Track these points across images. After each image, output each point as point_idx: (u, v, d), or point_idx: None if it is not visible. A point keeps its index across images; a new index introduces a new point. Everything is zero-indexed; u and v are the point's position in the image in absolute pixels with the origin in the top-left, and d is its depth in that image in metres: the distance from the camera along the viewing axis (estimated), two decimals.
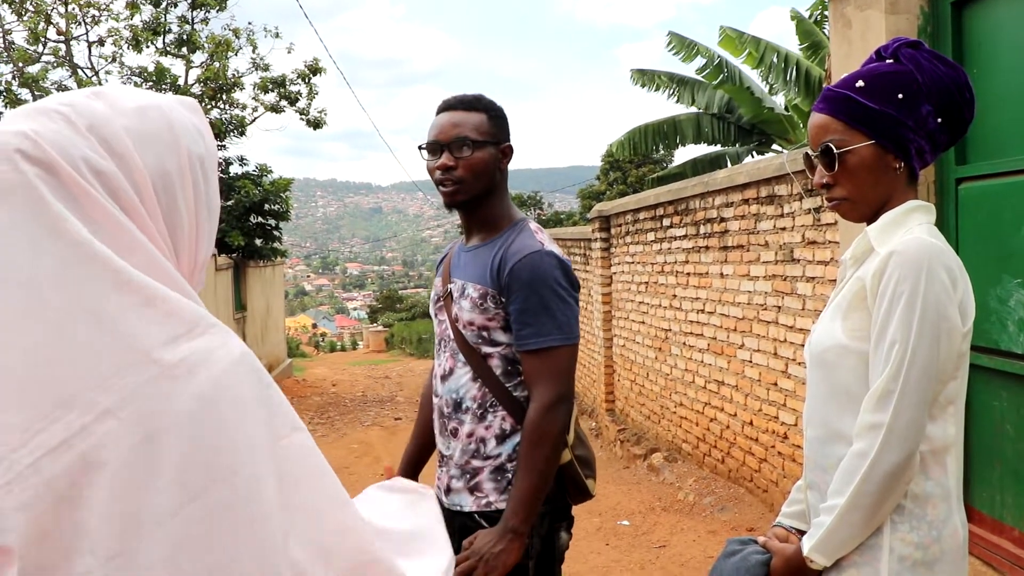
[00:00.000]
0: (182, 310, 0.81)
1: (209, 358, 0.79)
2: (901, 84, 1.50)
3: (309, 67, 13.56)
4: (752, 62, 11.58)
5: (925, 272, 1.39)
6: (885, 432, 1.38)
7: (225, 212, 12.34)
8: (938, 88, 1.50)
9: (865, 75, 1.54)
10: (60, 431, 0.72)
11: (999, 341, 3.11)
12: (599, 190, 26.62)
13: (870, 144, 1.52)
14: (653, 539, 5.07)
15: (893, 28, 3.37)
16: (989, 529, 3.26)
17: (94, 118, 0.83)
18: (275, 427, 0.81)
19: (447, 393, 2.06)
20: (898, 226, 1.52)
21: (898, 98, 1.50)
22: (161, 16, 12.53)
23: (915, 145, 1.52)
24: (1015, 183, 3.03)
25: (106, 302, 0.76)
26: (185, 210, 0.89)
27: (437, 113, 2.06)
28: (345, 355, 31.98)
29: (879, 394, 1.40)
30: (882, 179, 1.54)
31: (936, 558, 1.41)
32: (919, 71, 1.50)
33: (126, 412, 0.74)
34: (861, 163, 1.54)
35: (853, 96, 1.52)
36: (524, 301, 1.92)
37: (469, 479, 2.01)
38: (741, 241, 5.45)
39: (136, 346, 0.76)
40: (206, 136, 0.94)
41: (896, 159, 1.53)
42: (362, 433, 9.56)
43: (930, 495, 1.43)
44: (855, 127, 1.53)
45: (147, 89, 11.53)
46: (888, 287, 1.42)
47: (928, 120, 1.51)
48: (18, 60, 11.41)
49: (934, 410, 1.43)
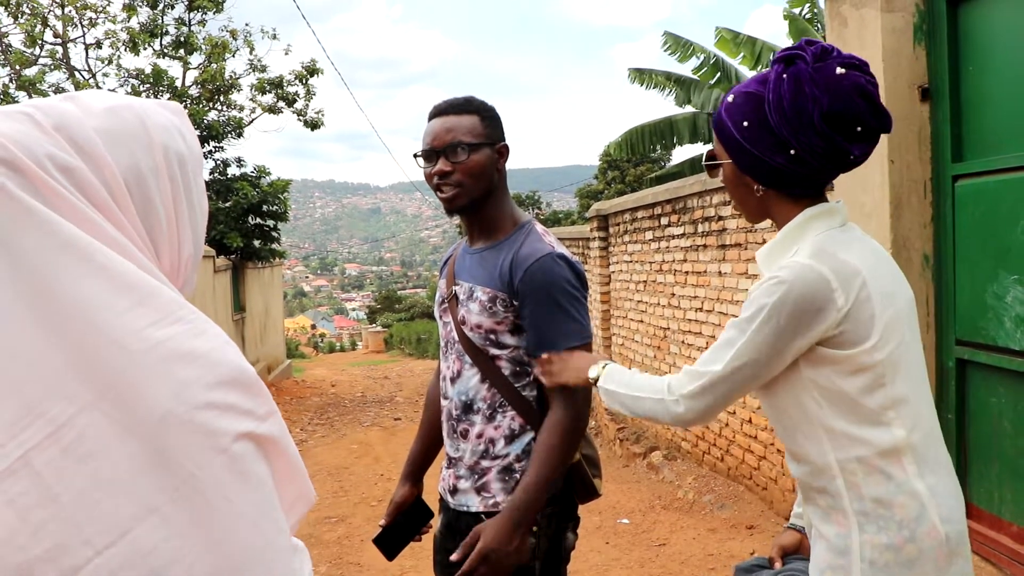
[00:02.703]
0: (157, 297, 0.80)
1: (183, 345, 0.78)
2: (748, 111, 1.46)
3: (306, 68, 13.58)
4: (748, 63, 11.60)
5: (778, 298, 1.39)
6: (680, 396, 1.53)
7: (223, 213, 12.35)
8: (783, 120, 1.41)
9: (737, 90, 1.50)
10: (46, 425, 0.73)
11: (996, 337, 3.12)
12: (597, 189, 26.66)
13: (728, 162, 1.52)
14: (653, 537, 5.08)
15: (889, 26, 3.38)
16: (987, 525, 3.26)
17: (62, 118, 0.82)
18: (257, 407, 0.81)
19: (457, 395, 2.05)
20: (792, 242, 1.49)
21: (744, 126, 1.46)
22: (158, 18, 12.55)
23: (768, 172, 1.47)
24: (1011, 180, 3.04)
25: (80, 290, 0.76)
26: (162, 207, 0.87)
27: (429, 119, 2.05)
28: (344, 356, 31.98)
29: (697, 373, 1.51)
30: (747, 197, 1.55)
31: (913, 557, 1.40)
32: (771, 96, 1.43)
33: (106, 403, 0.74)
34: (727, 178, 1.56)
35: (721, 111, 1.51)
36: (539, 305, 1.92)
37: (477, 479, 2.01)
38: (739, 240, 5.46)
39: (111, 335, 0.76)
40: (188, 137, 0.93)
41: (753, 181, 1.50)
42: (361, 434, 9.56)
43: (893, 497, 1.41)
44: (720, 143, 1.53)
45: (144, 91, 11.54)
46: (746, 303, 1.47)
47: (775, 151, 1.44)
48: (15, 63, 11.41)
49: (867, 417, 1.42)
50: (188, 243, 0.92)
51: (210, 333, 0.82)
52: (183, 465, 0.74)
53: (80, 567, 0.71)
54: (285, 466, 0.85)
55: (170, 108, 0.95)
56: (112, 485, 0.73)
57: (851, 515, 1.44)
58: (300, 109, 13.74)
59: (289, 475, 0.86)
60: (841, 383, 1.42)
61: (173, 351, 0.78)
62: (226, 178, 13.24)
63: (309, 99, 13.79)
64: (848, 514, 1.44)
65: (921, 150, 3.42)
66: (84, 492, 0.72)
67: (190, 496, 0.74)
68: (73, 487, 0.72)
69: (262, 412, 0.82)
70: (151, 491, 0.73)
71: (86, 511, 0.72)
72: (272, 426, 0.82)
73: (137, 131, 0.87)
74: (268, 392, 0.84)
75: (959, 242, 3.30)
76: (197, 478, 0.75)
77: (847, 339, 1.40)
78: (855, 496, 1.43)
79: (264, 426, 0.81)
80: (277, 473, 0.83)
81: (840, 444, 1.44)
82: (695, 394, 1.51)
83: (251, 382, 0.82)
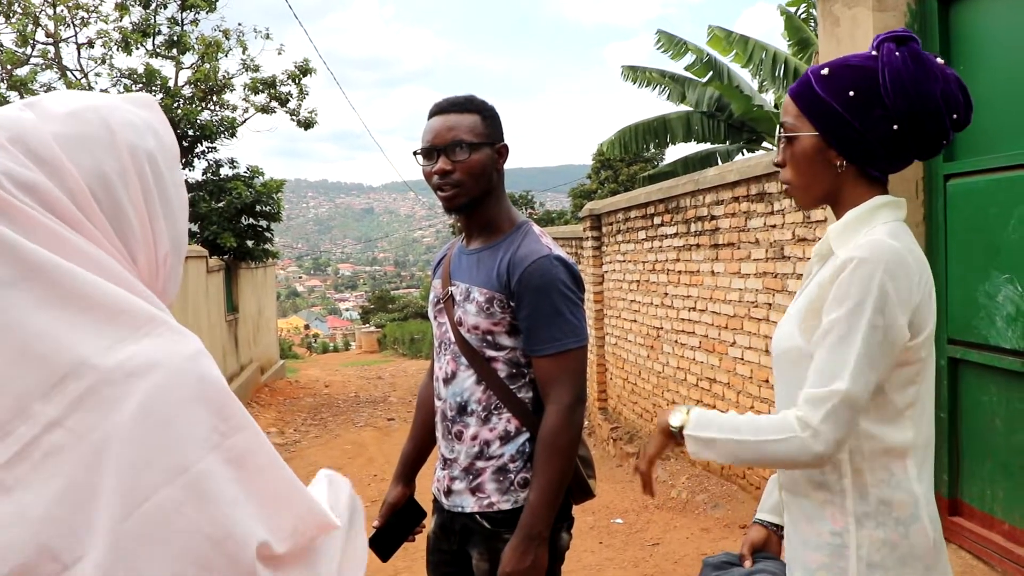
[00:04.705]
0: (129, 311, 0.79)
1: (152, 359, 0.78)
2: (857, 81, 1.43)
3: (299, 68, 13.56)
4: (741, 60, 11.62)
5: (877, 282, 1.36)
6: (816, 428, 1.37)
7: (216, 214, 12.31)
8: (901, 93, 1.40)
9: (834, 63, 1.47)
10: (14, 443, 0.73)
11: (988, 336, 3.13)
12: (590, 189, 26.65)
13: (813, 135, 1.48)
14: (646, 537, 5.09)
15: (881, 25, 3.38)
16: (979, 523, 3.28)
17: (18, 129, 0.81)
18: (222, 423, 0.80)
19: (451, 397, 2.05)
20: (861, 225, 1.47)
21: (848, 95, 1.43)
22: (151, 18, 12.50)
23: (862, 147, 1.45)
24: (1003, 179, 3.05)
25: (47, 315, 0.75)
26: (132, 209, 0.86)
27: (429, 117, 2.03)
28: (338, 356, 31.91)
29: (823, 396, 1.37)
30: (823, 173, 1.50)
31: (906, 554, 1.41)
32: (887, 70, 1.41)
33: (71, 421, 0.74)
34: (803, 152, 1.50)
35: (812, 82, 1.47)
36: (536, 307, 1.92)
37: (472, 480, 2.00)
38: (732, 239, 5.47)
39: (76, 353, 0.75)
40: (160, 131, 0.92)
41: (838, 156, 1.47)
42: (355, 434, 9.55)
43: (894, 495, 1.42)
44: (806, 114, 1.48)
45: (138, 91, 11.51)
46: (839, 292, 1.39)
47: (879, 125, 1.42)
48: (6, 62, 11.36)
49: (891, 414, 1.43)
50: (164, 240, 0.91)
51: (180, 346, 0.81)
52: (149, 482, 0.74)
53: None
54: (264, 483, 0.83)
55: (139, 102, 0.93)
56: (79, 504, 0.73)
57: (850, 512, 1.44)
58: (293, 109, 13.72)
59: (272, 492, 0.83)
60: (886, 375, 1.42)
61: (142, 365, 0.77)
62: (219, 178, 13.20)
63: (302, 99, 13.77)
64: (847, 511, 1.44)
65: None
66: (52, 510, 0.72)
67: (154, 516, 0.74)
68: (41, 505, 0.72)
69: (228, 427, 0.80)
70: (117, 509, 0.73)
71: (54, 527, 0.72)
72: (239, 442, 0.81)
73: (100, 133, 0.85)
74: (239, 407, 0.83)
75: (951, 241, 3.30)
76: (163, 497, 0.74)
77: (911, 330, 1.41)
78: (859, 494, 1.43)
79: (228, 442, 0.79)
80: (255, 489, 0.81)
81: (858, 442, 1.43)
82: (831, 421, 1.36)
83: (219, 397, 0.81)
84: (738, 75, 12.07)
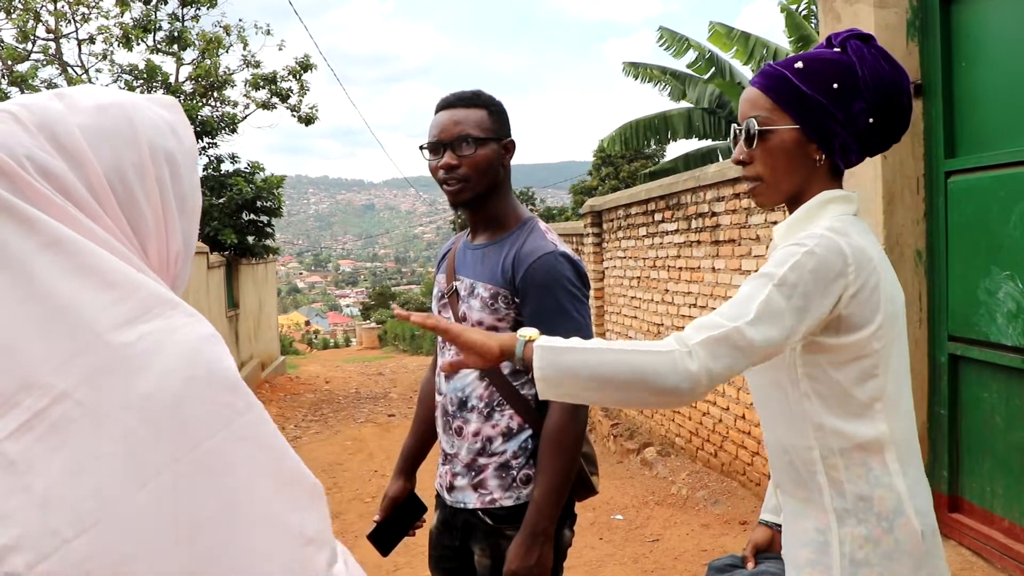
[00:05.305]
0: (140, 291, 0.80)
1: (164, 339, 0.78)
2: (839, 74, 1.43)
3: (300, 64, 13.55)
4: (742, 57, 11.60)
5: (799, 257, 1.35)
6: (692, 348, 1.31)
7: (217, 210, 12.31)
8: (878, 87, 1.43)
9: (806, 57, 1.47)
10: (20, 414, 0.73)
11: (988, 333, 3.13)
12: (591, 185, 26.64)
13: (794, 128, 1.46)
14: (646, 533, 5.09)
15: (882, 22, 3.38)
16: (979, 520, 3.28)
17: (46, 116, 0.82)
18: (233, 403, 0.80)
19: (452, 391, 2.05)
20: (809, 221, 1.47)
21: (832, 88, 1.43)
22: (151, 13, 12.49)
23: (840, 140, 1.46)
24: (1004, 176, 3.05)
25: (64, 287, 0.77)
26: (148, 205, 0.87)
27: (436, 111, 2.03)
28: (338, 352, 31.93)
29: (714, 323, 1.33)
30: (798, 167, 1.49)
31: (891, 550, 1.40)
32: (862, 65, 1.43)
33: (80, 394, 0.74)
34: (781, 146, 1.48)
35: (789, 76, 1.46)
36: (541, 303, 1.91)
37: (474, 476, 2.00)
38: (732, 235, 5.47)
39: (90, 328, 0.76)
40: (181, 133, 0.93)
41: (818, 150, 1.47)
42: (356, 430, 9.56)
43: (872, 491, 1.42)
44: (783, 108, 1.47)
45: (139, 87, 11.50)
46: (762, 266, 1.40)
47: (859, 118, 1.44)
48: (7, 58, 11.36)
49: (855, 408, 1.42)
50: (177, 239, 0.92)
51: (194, 328, 0.82)
52: (158, 460, 0.74)
53: (47, 555, 0.71)
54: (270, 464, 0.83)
55: (163, 104, 0.95)
56: (83, 477, 0.73)
57: (830, 510, 1.44)
58: (294, 105, 13.71)
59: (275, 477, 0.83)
60: (835, 373, 1.41)
61: (154, 344, 0.78)
62: (220, 174, 13.20)
63: (303, 95, 13.76)
64: (827, 509, 1.44)
65: (914, 146, 3.43)
66: (55, 482, 0.73)
67: (159, 493, 0.74)
68: (44, 477, 0.73)
69: (240, 407, 0.81)
70: (122, 485, 0.73)
71: (56, 501, 0.72)
72: (251, 419, 0.81)
73: (123, 128, 0.87)
74: (248, 391, 0.84)
75: (952, 238, 3.31)
76: (171, 474, 0.74)
77: (851, 323, 1.39)
78: (836, 491, 1.44)
79: (240, 421, 0.80)
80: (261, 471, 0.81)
81: (825, 438, 1.43)
82: (711, 347, 1.31)
83: (230, 379, 0.81)
84: (740, 72, 12.06)
